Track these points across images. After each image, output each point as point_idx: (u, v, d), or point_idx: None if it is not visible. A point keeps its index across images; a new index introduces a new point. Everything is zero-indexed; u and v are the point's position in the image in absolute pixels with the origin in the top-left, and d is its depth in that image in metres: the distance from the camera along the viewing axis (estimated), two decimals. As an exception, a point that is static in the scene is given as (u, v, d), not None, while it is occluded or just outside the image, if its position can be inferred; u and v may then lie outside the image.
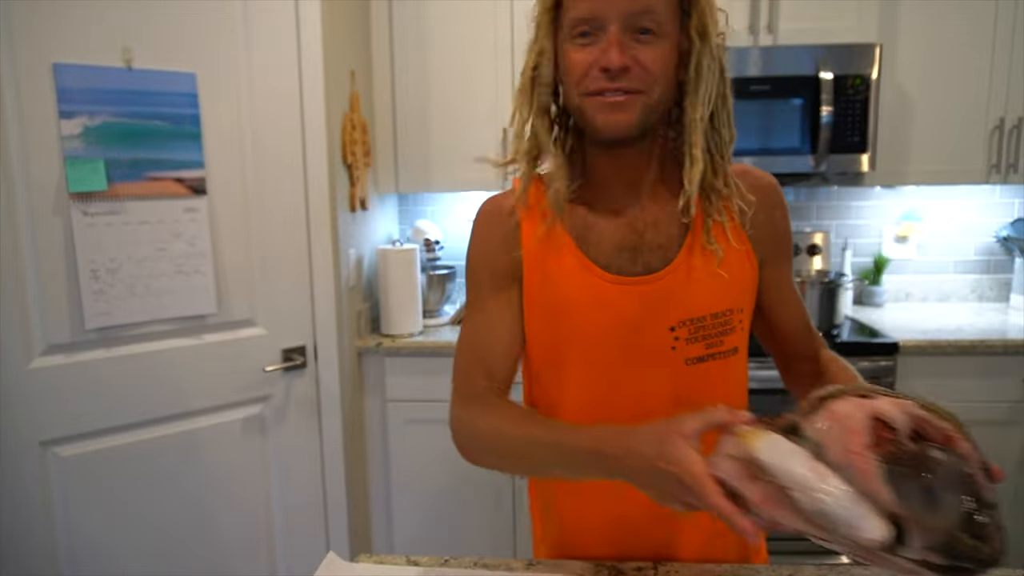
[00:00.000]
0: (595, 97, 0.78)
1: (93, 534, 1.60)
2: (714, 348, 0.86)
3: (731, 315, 0.86)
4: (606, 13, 0.76)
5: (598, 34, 0.77)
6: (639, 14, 0.76)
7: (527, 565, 0.90)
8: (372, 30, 2.28)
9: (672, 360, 0.85)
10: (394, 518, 2.24)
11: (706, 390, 0.86)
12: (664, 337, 0.85)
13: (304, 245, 1.87)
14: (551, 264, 0.87)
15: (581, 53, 0.78)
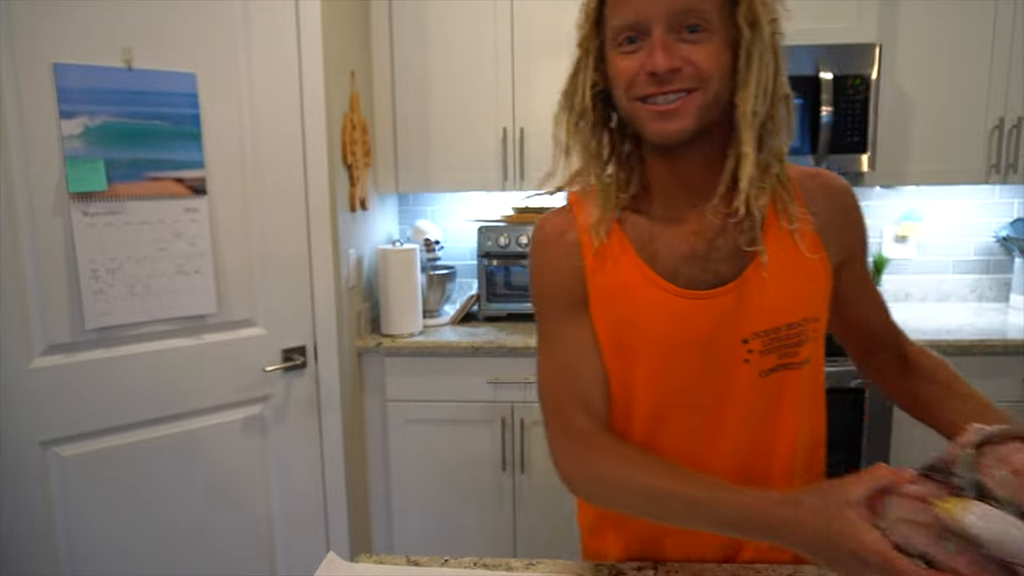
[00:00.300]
0: (646, 104, 0.75)
1: (93, 534, 1.60)
2: (787, 359, 0.82)
3: (806, 325, 0.82)
4: (649, 16, 0.73)
5: (644, 39, 0.74)
6: (683, 13, 0.72)
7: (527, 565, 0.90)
8: (372, 30, 2.28)
9: (745, 373, 0.82)
10: (394, 518, 2.24)
11: (780, 403, 0.84)
12: (737, 350, 0.81)
13: (304, 245, 1.87)
14: (615, 279, 0.83)
15: (627, 60, 0.75)
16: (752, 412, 0.83)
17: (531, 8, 2.23)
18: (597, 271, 0.83)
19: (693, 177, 0.81)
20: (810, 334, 0.83)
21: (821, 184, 0.86)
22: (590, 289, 0.84)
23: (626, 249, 0.83)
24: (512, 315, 2.42)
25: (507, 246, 2.35)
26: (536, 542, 2.21)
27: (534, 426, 2.15)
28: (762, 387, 0.83)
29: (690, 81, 0.73)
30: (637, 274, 0.82)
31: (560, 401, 0.84)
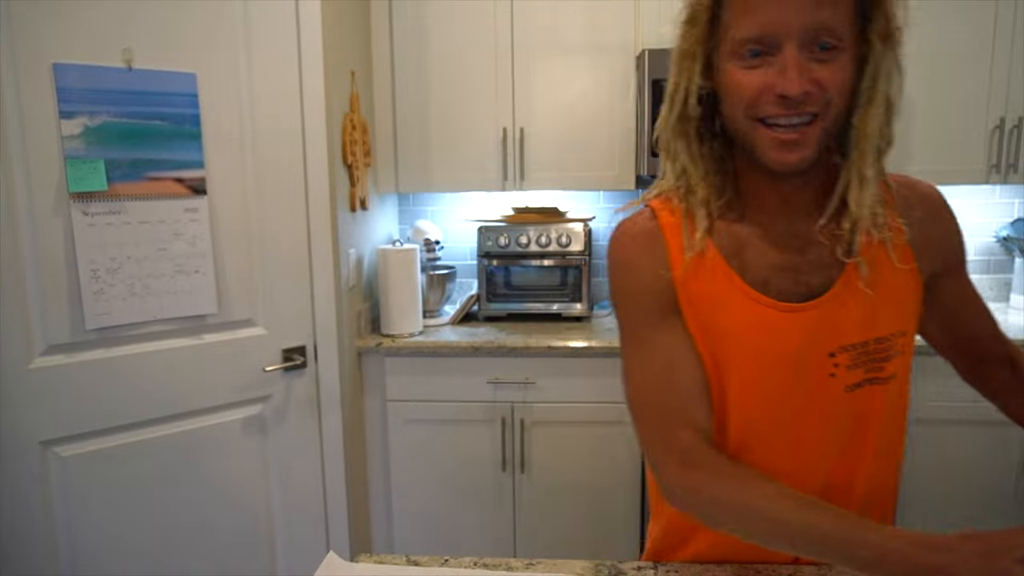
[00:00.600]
0: (768, 129, 0.71)
1: (93, 534, 1.60)
2: (873, 373, 0.80)
3: (894, 339, 0.80)
4: (781, 30, 0.67)
5: (771, 54, 0.69)
6: (817, 29, 0.67)
7: (527, 565, 0.90)
8: (372, 30, 2.28)
9: (831, 387, 0.79)
10: (394, 518, 2.24)
11: (865, 418, 0.82)
12: (823, 363, 0.79)
13: (304, 245, 1.87)
14: (704, 287, 0.79)
15: (751, 75, 0.70)
16: (837, 427, 0.81)
17: (531, 8, 2.23)
18: (688, 280, 0.80)
19: (792, 192, 0.78)
20: (898, 348, 0.81)
21: (917, 194, 0.83)
22: (680, 297, 0.80)
23: (715, 257, 0.79)
24: (512, 315, 2.42)
25: (507, 246, 2.35)
26: (536, 542, 2.21)
27: (534, 426, 2.15)
28: (847, 402, 0.80)
29: (816, 105, 0.69)
30: (726, 283, 0.79)
31: (660, 413, 0.79)
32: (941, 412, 2.05)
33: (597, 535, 2.20)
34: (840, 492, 0.82)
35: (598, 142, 2.30)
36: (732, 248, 0.79)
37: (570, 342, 2.10)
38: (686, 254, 0.78)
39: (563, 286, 2.39)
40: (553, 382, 2.13)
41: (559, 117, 2.29)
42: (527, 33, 2.25)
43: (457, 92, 2.30)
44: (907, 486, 2.12)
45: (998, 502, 2.11)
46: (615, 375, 2.09)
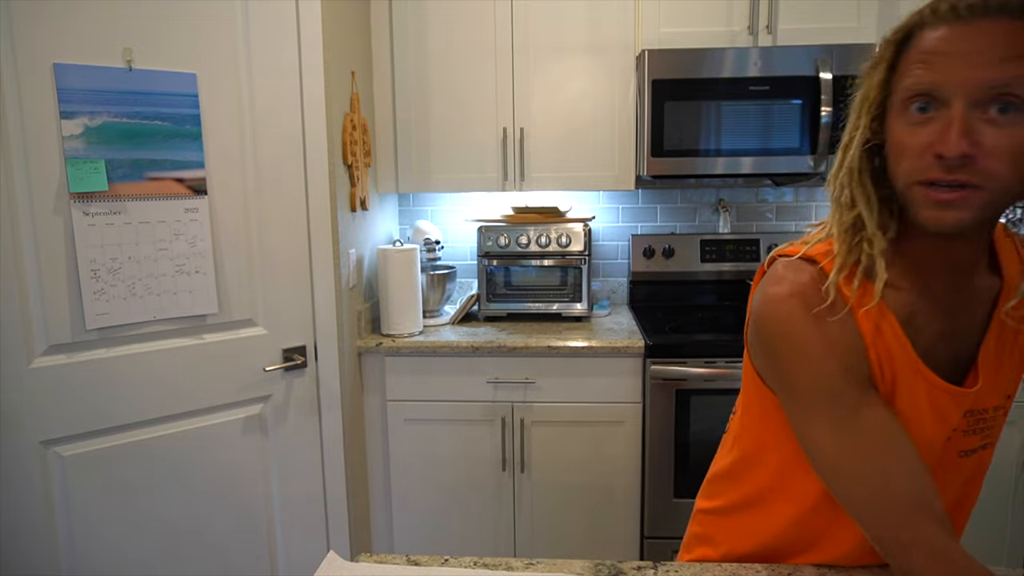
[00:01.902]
0: (925, 188, 0.65)
1: (94, 534, 1.61)
2: (987, 439, 0.79)
3: (1007, 403, 0.79)
4: (950, 84, 0.62)
5: (939, 109, 0.63)
6: (996, 87, 0.60)
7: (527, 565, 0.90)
8: (372, 30, 2.28)
9: (946, 451, 0.77)
10: (394, 518, 2.24)
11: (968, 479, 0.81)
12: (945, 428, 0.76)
13: (304, 245, 1.87)
14: (886, 355, 0.73)
15: (914, 135, 0.65)
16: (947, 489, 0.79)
17: (531, 8, 2.24)
18: (875, 339, 0.73)
19: (958, 258, 0.73)
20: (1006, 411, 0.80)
21: None
22: (872, 362, 0.73)
23: (892, 324, 0.73)
24: (512, 315, 2.42)
25: (507, 246, 2.35)
26: (536, 542, 2.21)
27: (534, 426, 2.16)
28: (958, 466, 0.78)
29: (977, 176, 0.62)
30: (902, 355, 0.73)
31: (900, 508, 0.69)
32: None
33: (597, 535, 2.20)
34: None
35: (598, 142, 2.30)
36: (904, 316, 0.73)
37: (570, 342, 2.10)
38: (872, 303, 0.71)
39: (563, 286, 2.40)
40: (553, 382, 2.13)
41: (559, 117, 2.29)
42: (527, 33, 2.25)
43: (457, 92, 2.30)
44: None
45: (998, 502, 2.12)
46: (615, 375, 2.10)
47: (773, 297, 0.74)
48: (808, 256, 0.76)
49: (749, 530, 0.92)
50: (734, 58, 2.12)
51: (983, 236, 0.72)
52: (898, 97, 0.67)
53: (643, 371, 2.10)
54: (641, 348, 2.07)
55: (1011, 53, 0.59)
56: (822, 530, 0.85)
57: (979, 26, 0.61)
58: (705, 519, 0.99)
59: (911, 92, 0.65)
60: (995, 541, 2.13)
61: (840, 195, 0.73)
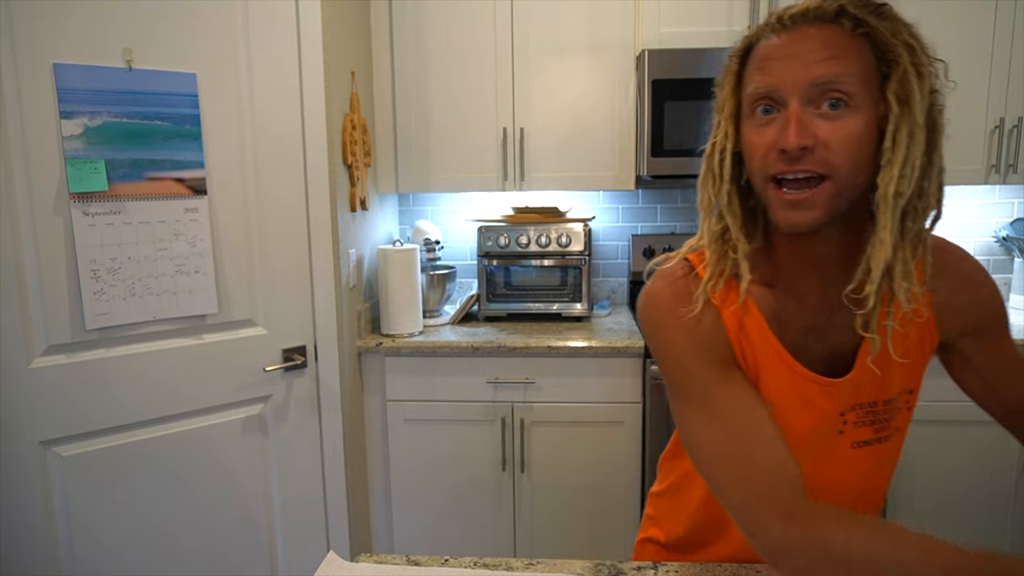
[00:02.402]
0: (778, 188, 0.71)
1: (93, 534, 1.61)
2: (881, 432, 0.82)
3: (900, 398, 0.82)
4: (784, 86, 0.68)
5: (779, 110, 0.70)
6: (824, 84, 0.67)
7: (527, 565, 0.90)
8: (372, 30, 2.28)
9: (837, 443, 0.82)
10: (394, 518, 2.24)
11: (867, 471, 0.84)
12: (834, 422, 0.81)
13: (304, 245, 1.87)
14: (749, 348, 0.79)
15: (761, 135, 0.71)
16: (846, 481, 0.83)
17: (531, 8, 2.24)
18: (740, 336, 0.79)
19: (821, 253, 0.77)
20: (902, 405, 0.83)
21: (947, 260, 0.82)
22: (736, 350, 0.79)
23: (757, 318, 0.79)
24: (512, 315, 2.42)
25: (507, 246, 2.35)
26: (536, 542, 2.21)
27: (534, 426, 2.16)
28: (854, 458, 0.82)
29: (820, 166, 0.68)
30: (767, 348, 0.79)
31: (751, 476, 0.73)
32: (941, 412, 2.05)
33: (597, 535, 2.20)
34: None
35: (598, 142, 2.30)
36: (770, 312, 0.79)
37: (570, 342, 2.10)
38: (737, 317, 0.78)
39: (563, 286, 2.40)
40: (553, 382, 2.13)
41: (559, 117, 2.29)
42: (527, 33, 2.25)
43: (457, 92, 2.30)
44: (906, 486, 2.12)
45: (997, 502, 2.12)
46: (615, 375, 2.10)
47: (647, 292, 0.82)
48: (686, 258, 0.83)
49: (681, 511, 0.98)
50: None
51: (844, 236, 0.75)
52: (746, 103, 0.73)
53: (643, 371, 2.10)
54: (641, 348, 2.07)
55: (830, 54, 0.67)
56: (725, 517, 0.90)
57: (803, 32, 0.69)
58: (654, 501, 1.06)
59: (754, 97, 0.71)
60: (995, 541, 2.13)
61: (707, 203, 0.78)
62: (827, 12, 0.69)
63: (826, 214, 0.70)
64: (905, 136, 0.68)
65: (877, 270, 0.70)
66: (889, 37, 0.68)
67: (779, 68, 0.69)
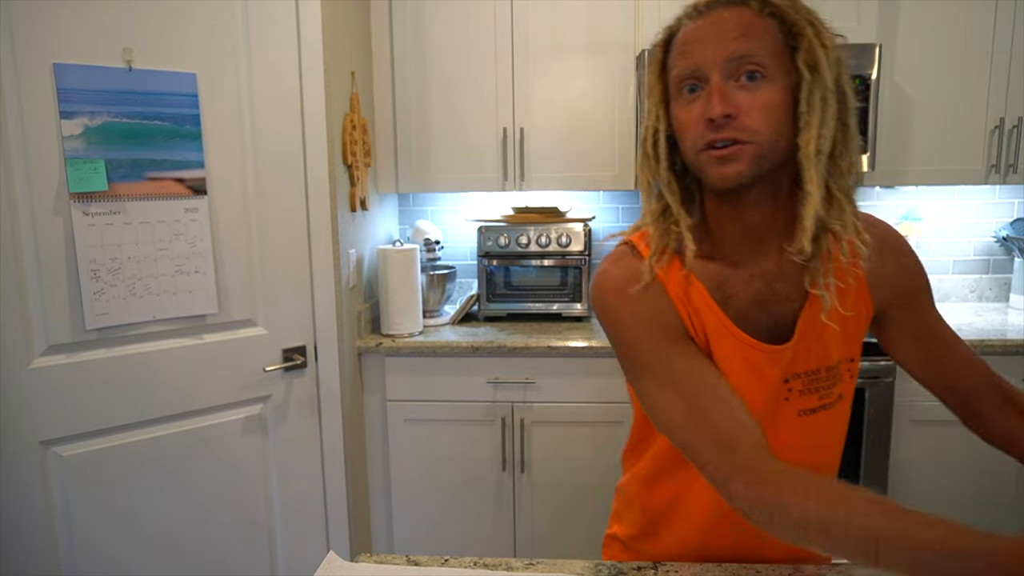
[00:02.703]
0: (706, 151, 0.76)
1: (93, 534, 1.61)
2: (825, 399, 0.86)
3: (841, 364, 0.86)
4: (705, 63, 0.75)
5: (703, 86, 0.76)
6: (739, 59, 0.74)
7: (527, 565, 0.90)
8: (372, 30, 2.28)
9: (785, 411, 0.85)
10: (394, 518, 2.24)
11: (814, 438, 0.87)
12: (779, 389, 0.85)
13: (304, 245, 1.87)
14: (698, 319, 0.83)
15: (689, 112, 0.77)
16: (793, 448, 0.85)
17: (531, 8, 2.23)
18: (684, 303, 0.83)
19: (756, 222, 0.82)
20: (844, 373, 0.87)
21: (875, 234, 0.86)
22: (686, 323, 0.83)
23: (701, 291, 0.83)
24: (512, 315, 2.42)
25: (507, 246, 2.35)
26: (536, 542, 2.21)
27: (534, 426, 2.15)
28: (801, 425, 0.86)
29: (742, 133, 0.74)
30: (714, 319, 0.83)
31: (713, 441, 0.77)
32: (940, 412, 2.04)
33: (597, 535, 2.19)
34: None
35: (598, 142, 2.30)
36: (713, 284, 0.83)
37: (570, 342, 2.10)
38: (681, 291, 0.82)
39: (563, 286, 2.40)
40: (553, 382, 2.13)
41: (559, 117, 2.29)
42: (527, 33, 2.25)
43: (457, 92, 2.30)
44: (907, 486, 2.12)
45: (998, 502, 2.11)
46: (615, 375, 2.10)
47: (596, 278, 0.87)
48: (629, 240, 0.88)
49: (634, 503, 1.02)
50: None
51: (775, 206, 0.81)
52: (673, 86, 0.80)
53: (643, 371, 2.09)
54: (641, 348, 2.07)
55: (743, 31, 0.74)
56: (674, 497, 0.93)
57: (717, 15, 0.76)
58: (616, 496, 1.11)
59: (680, 78, 0.78)
60: (995, 541, 2.13)
61: (646, 185, 0.84)
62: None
63: (751, 169, 0.75)
64: (818, 100, 0.74)
65: (808, 219, 0.75)
66: (793, 14, 0.75)
67: (699, 49, 0.76)
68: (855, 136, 0.78)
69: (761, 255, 0.83)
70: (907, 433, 2.07)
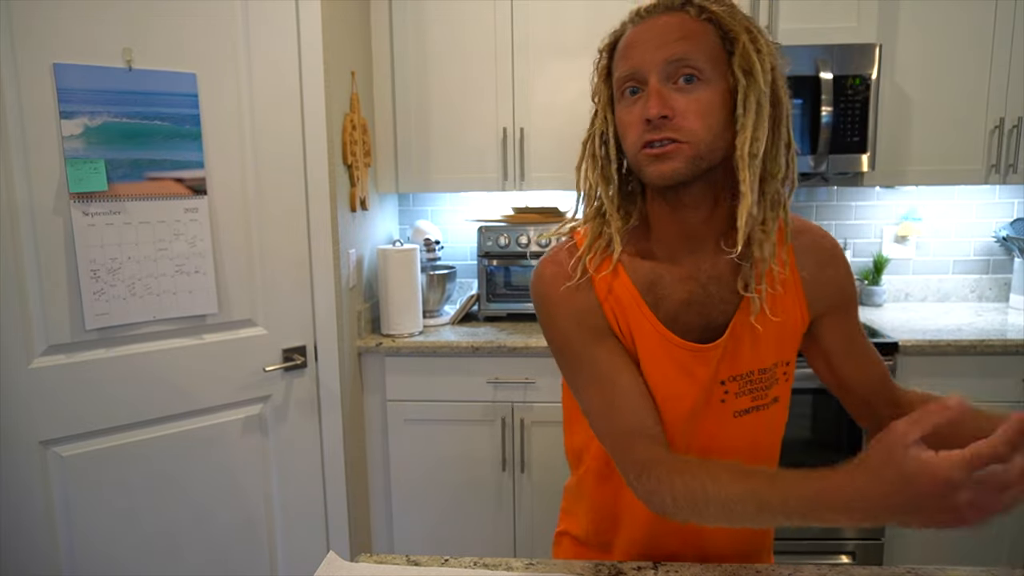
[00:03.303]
0: (645, 150, 0.79)
1: (93, 534, 1.61)
2: (759, 401, 0.88)
3: (777, 368, 0.88)
4: (644, 67, 0.77)
5: (643, 88, 0.78)
6: (677, 62, 0.76)
7: (527, 565, 0.90)
8: (372, 30, 2.28)
9: (721, 412, 0.87)
10: (394, 518, 2.24)
11: (751, 439, 0.89)
12: (716, 390, 0.87)
13: (304, 245, 1.87)
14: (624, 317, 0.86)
15: (630, 113, 0.79)
16: (730, 449, 0.88)
17: (531, 8, 2.23)
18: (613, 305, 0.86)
19: (693, 223, 0.84)
20: (780, 376, 0.89)
21: (810, 240, 0.90)
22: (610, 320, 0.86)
23: (631, 290, 0.86)
24: (512, 315, 2.42)
25: (507, 246, 2.35)
26: (536, 542, 2.21)
27: (534, 426, 2.15)
28: (737, 426, 0.88)
29: (679, 133, 0.76)
30: (641, 318, 0.85)
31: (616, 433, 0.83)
32: (941, 412, 2.05)
33: (597, 535, 2.20)
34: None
35: (598, 142, 2.30)
36: (645, 284, 0.86)
37: (570, 342, 2.10)
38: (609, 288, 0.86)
39: (563, 286, 2.39)
40: (553, 382, 2.13)
41: (559, 117, 2.29)
42: (527, 33, 2.25)
43: (457, 92, 2.30)
44: (907, 486, 2.12)
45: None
46: (615, 375, 2.09)
47: (534, 273, 0.91)
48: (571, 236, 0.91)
49: (582, 500, 1.03)
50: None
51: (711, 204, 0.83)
52: (616, 88, 0.82)
53: (643, 371, 2.09)
54: (641, 348, 2.07)
55: (681, 35, 0.77)
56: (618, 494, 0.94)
57: (656, 20, 0.80)
58: (565, 494, 1.14)
59: (621, 80, 0.81)
60: (995, 541, 2.13)
61: (585, 185, 0.87)
62: (675, 2, 0.80)
63: (688, 168, 0.77)
64: (753, 103, 0.77)
65: (742, 220, 0.77)
66: (729, 20, 0.78)
67: (639, 53, 0.78)
68: (789, 142, 0.82)
69: (698, 255, 0.85)
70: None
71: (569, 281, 0.86)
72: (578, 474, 1.05)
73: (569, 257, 0.88)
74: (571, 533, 1.06)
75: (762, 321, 0.84)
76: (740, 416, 0.87)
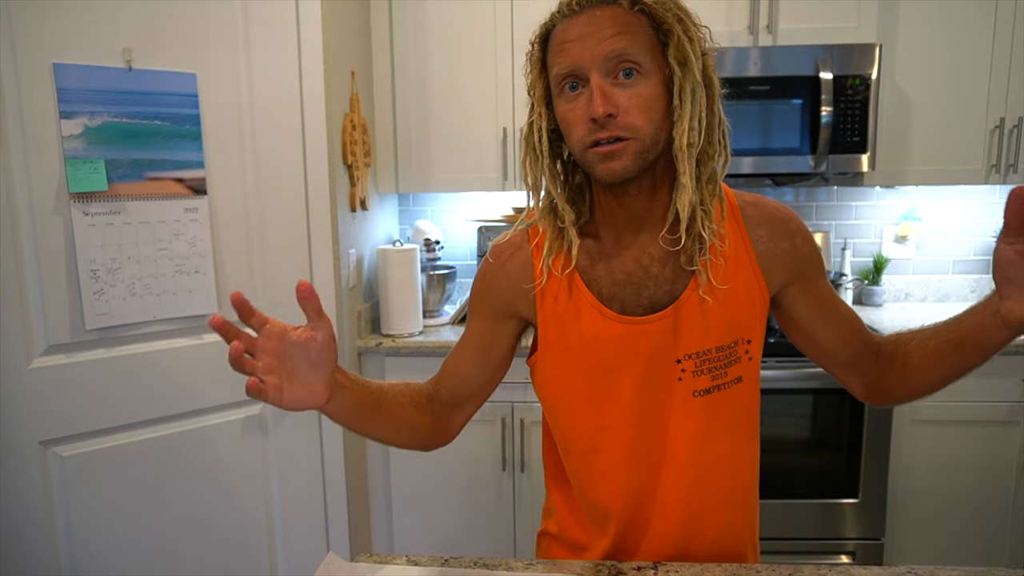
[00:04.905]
0: (592, 148, 0.79)
1: (93, 534, 1.60)
2: (719, 380, 0.88)
3: (736, 347, 0.88)
4: (583, 63, 0.77)
5: (583, 84, 0.78)
6: (615, 58, 0.76)
7: (527, 565, 0.90)
8: (372, 30, 2.28)
9: (680, 391, 0.87)
10: (394, 518, 2.24)
11: (708, 422, 0.88)
12: (672, 369, 0.87)
13: (304, 245, 1.87)
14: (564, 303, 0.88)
15: (573, 110, 0.80)
16: (690, 430, 0.88)
17: (531, 8, 2.23)
18: (548, 296, 0.89)
19: (637, 209, 0.86)
20: (741, 355, 0.88)
21: (763, 212, 0.90)
22: (539, 309, 0.90)
23: (572, 274, 0.88)
24: (512, 315, 2.42)
25: (507, 246, 2.35)
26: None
27: (534, 426, 2.15)
28: (697, 407, 0.87)
29: (622, 129, 0.77)
30: (579, 298, 0.88)
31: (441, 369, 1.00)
32: (941, 412, 2.05)
33: (597, 535, 2.19)
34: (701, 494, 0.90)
35: (598, 142, 2.30)
36: (585, 265, 0.88)
37: (570, 342, 2.10)
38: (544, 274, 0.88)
39: (563, 286, 2.39)
40: (553, 382, 2.13)
41: (559, 117, 2.29)
42: (527, 33, 2.24)
43: (457, 92, 2.30)
44: (907, 486, 2.12)
45: (998, 502, 2.11)
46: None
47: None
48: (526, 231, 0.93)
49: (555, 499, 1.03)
50: (734, 58, 2.12)
51: (655, 195, 0.85)
52: (554, 84, 0.82)
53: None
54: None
55: (618, 30, 0.76)
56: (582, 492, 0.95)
57: (591, 14, 0.78)
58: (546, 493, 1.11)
59: (560, 77, 0.80)
60: (995, 541, 2.13)
61: (533, 181, 0.86)
62: None
63: (635, 164, 0.79)
64: (689, 93, 0.77)
65: (683, 210, 0.79)
66: (662, 11, 0.78)
67: (576, 48, 0.77)
68: (722, 124, 0.82)
69: (644, 239, 0.87)
70: (907, 433, 2.07)
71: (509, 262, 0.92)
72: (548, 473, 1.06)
73: (517, 244, 0.93)
74: (551, 532, 1.06)
75: (712, 295, 0.85)
76: (701, 396, 0.87)
